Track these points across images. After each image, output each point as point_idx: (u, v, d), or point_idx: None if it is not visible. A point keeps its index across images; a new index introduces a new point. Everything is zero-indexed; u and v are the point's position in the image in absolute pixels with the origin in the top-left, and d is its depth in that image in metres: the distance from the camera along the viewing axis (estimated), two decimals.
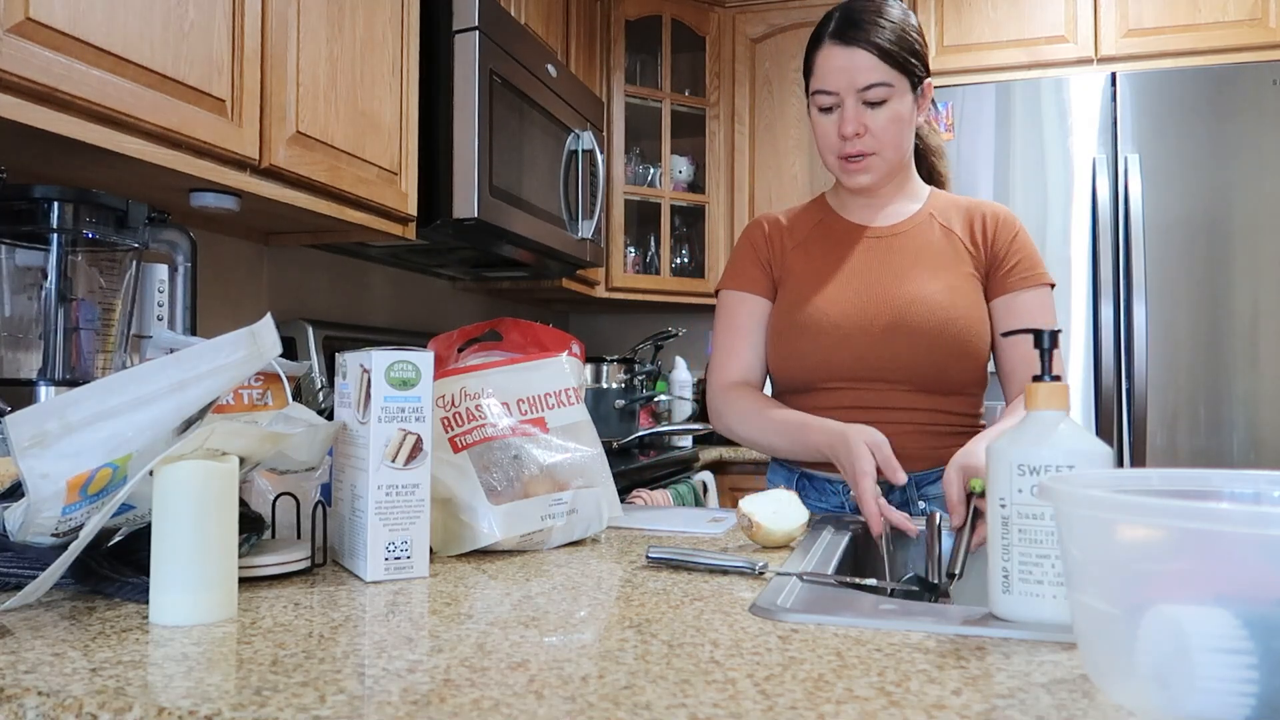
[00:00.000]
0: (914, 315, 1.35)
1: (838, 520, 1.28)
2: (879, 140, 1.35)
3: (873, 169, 1.37)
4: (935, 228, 1.43)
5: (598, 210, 2.55)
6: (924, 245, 1.41)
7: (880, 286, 1.38)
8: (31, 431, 0.76)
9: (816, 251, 1.44)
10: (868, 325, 1.36)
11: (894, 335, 1.35)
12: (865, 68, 1.32)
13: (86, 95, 1.13)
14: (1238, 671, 0.47)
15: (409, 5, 1.85)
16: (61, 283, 1.22)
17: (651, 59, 3.33)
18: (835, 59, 1.33)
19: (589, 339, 3.71)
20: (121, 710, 0.54)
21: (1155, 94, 2.66)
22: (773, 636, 0.70)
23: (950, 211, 1.44)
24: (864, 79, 1.32)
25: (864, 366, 1.36)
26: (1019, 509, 0.73)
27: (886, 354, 1.35)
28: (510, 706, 0.54)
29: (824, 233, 1.46)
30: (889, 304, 1.36)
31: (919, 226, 1.43)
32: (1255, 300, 2.57)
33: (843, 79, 1.33)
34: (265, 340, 0.85)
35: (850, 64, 1.32)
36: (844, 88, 1.33)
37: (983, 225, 1.41)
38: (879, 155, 1.36)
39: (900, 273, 1.39)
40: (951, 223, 1.43)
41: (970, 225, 1.42)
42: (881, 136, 1.35)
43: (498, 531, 1.01)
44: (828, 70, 1.34)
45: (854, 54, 1.32)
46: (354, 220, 1.73)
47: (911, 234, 1.43)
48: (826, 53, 1.35)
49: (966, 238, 1.41)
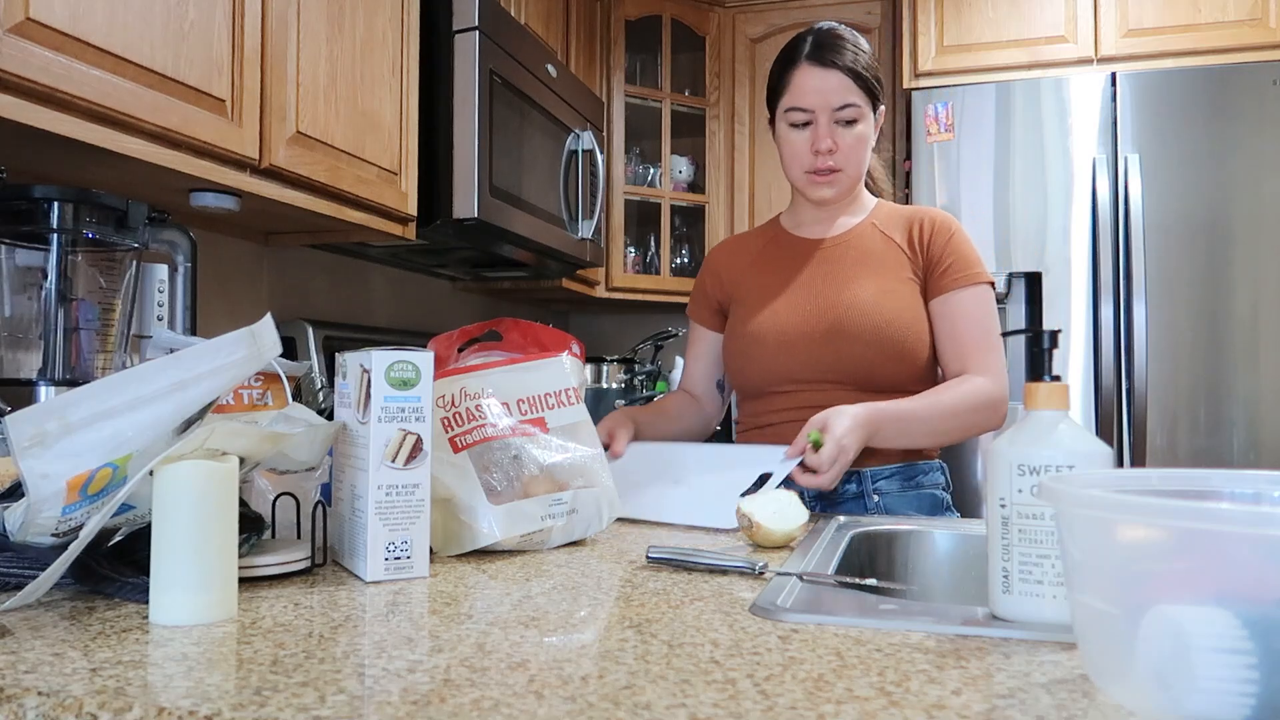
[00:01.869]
0: (850, 320, 1.43)
1: (838, 521, 1.28)
2: (846, 158, 1.45)
3: (837, 184, 1.48)
4: (876, 236, 1.52)
5: (598, 210, 2.55)
6: (864, 253, 1.50)
7: (821, 295, 1.48)
8: (31, 431, 0.76)
9: (768, 268, 1.56)
10: (810, 331, 1.46)
11: (833, 339, 1.44)
12: (840, 89, 1.42)
13: (86, 95, 1.13)
14: (1238, 671, 0.47)
15: (409, 5, 1.85)
16: (61, 283, 1.22)
17: (651, 59, 3.33)
18: (812, 79, 1.43)
19: (589, 339, 3.71)
20: (121, 710, 0.54)
21: (1155, 94, 2.66)
22: (773, 636, 0.70)
23: (892, 220, 1.53)
24: (838, 99, 1.42)
25: (808, 370, 1.46)
26: (1019, 509, 0.73)
27: (828, 357, 1.44)
28: (510, 706, 0.54)
29: (775, 250, 1.58)
30: (829, 310, 1.45)
31: (860, 236, 1.53)
32: (1255, 300, 2.57)
33: (819, 99, 1.43)
34: (265, 340, 0.85)
35: (826, 85, 1.42)
36: (820, 106, 1.43)
37: (919, 230, 1.49)
38: (844, 172, 1.47)
39: (840, 281, 1.48)
40: (892, 231, 1.51)
41: (909, 231, 1.50)
42: (849, 154, 1.45)
43: (498, 531, 1.01)
44: (805, 89, 1.43)
45: (829, 75, 1.42)
46: (354, 220, 1.73)
47: (852, 243, 1.52)
48: (804, 72, 1.44)
49: (905, 243, 1.49)
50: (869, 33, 3.27)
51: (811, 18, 3.32)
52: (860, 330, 1.42)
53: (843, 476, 1.34)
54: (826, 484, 1.25)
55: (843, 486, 1.44)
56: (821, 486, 1.25)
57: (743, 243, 1.65)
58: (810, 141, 1.45)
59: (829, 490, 1.31)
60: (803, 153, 1.46)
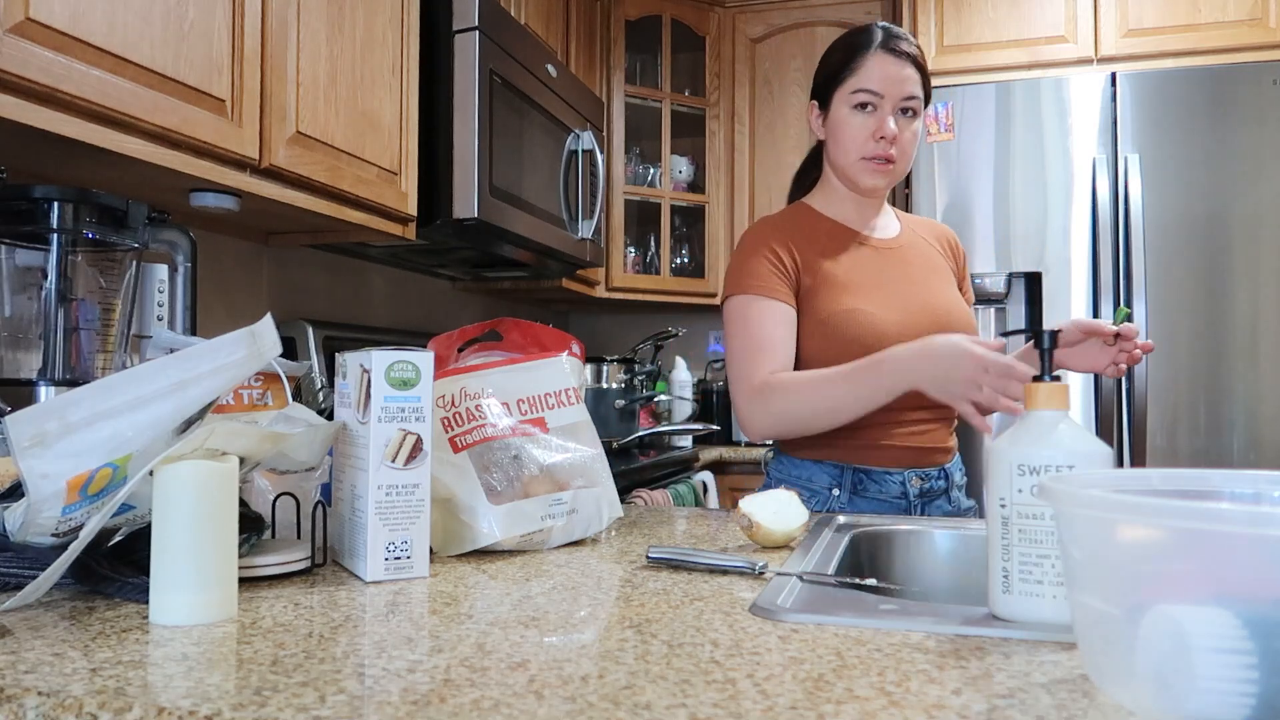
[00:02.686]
0: (950, 323, 1.45)
1: (838, 521, 1.28)
2: (903, 150, 1.47)
3: (890, 174, 1.48)
4: (922, 243, 1.57)
5: (598, 210, 2.55)
6: (928, 258, 1.55)
7: (911, 296, 1.48)
8: (31, 431, 0.76)
9: (836, 258, 1.49)
10: (910, 331, 1.41)
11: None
12: (911, 79, 1.45)
13: (86, 95, 1.13)
14: (1238, 671, 0.47)
15: (409, 5, 1.85)
16: (61, 283, 1.22)
17: (651, 59, 3.33)
18: (887, 66, 1.44)
19: (589, 339, 3.71)
20: (121, 710, 0.54)
21: (1155, 94, 2.66)
22: (773, 636, 0.70)
23: (923, 229, 1.60)
24: (908, 90, 1.44)
25: None
26: (1019, 509, 0.73)
27: None
28: (510, 706, 0.54)
29: (839, 241, 1.52)
30: (931, 313, 1.47)
31: (912, 241, 1.56)
32: (1255, 300, 2.57)
33: (891, 85, 1.44)
34: (265, 340, 0.85)
35: (900, 74, 1.44)
36: (889, 93, 1.44)
37: (950, 246, 1.61)
38: (898, 164, 1.47)
39: (921, 283, 1.51)
40: (931, 241, 1.59)
41: (943, 245, 1.60)
42: (906, 147, 1.47)
43: (498, 531, 1.01)
44: (878, 74, 1.44)
45: (903, 66, 1.44)
46: (354, 220, 1.73)
47: (915, 246, 1.56)
48: (877, 58, 1.45)
49: (943, 256, 1.58)
50: None
51: (812, 18, 3.32)
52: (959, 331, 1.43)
53: (932, 474, 1.46)
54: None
55: (933, 482, 1.47)
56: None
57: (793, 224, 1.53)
58: (873, 127, 1.44)
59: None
60: (863, 137, 1.45)
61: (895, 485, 1.45)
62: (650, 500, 2.17)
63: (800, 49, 3.32)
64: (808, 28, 3.33)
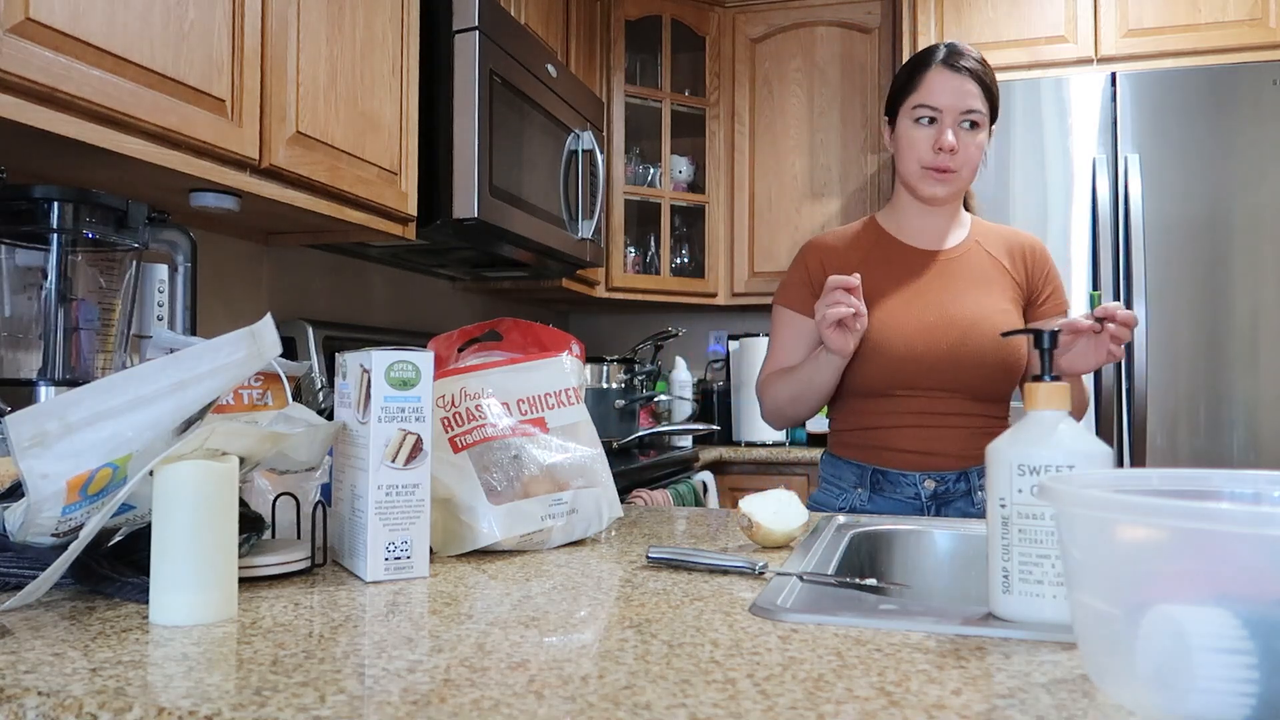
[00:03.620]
0: (977, 335, 1.49)
1: (838, 521, 1.28)
2: (963, 160, 1.51)
3: (951, 183, 1.52)
4: (984, 255, 1.59)
5: (598, 210, 2.55)
6: (978, 270, 1.57)
7: (944, 307, 1.52)
8: (31, 431, 0.76)
9: (879, 270, 1.57)
10: (936, 342, 1.50)
11: (958, 351, 1.50)
12: (971, 94, 1.50)
13: (86, 95, 1.13)
14: (1238, 671, 0.47)
15: (409, 5, 1.85)
16: (61, 283, 1.22)
17: (651, 59, 3.33)
18: (947, 81, 1.50)
19: (589, 339, 3.71)
20: (121, 710, 0.54)
21: (1155, 94, 2.66)
22: (773, 636, 0.70)
23: (993, 240, 1.61)
24: (968, 103, 1.49)
25: (929, 378, 1.51)
26: (1019, 509, 0.73)
27: (951, 368, 1.50)
28: (510, 706, 0.54)
29: (884, 253, 1.60)
30: (955, 324, 1.50)
31: (970, 253, 1.59)
32: (1255, 300, 2.57)
33: (951, 99, 1.49)
34: (265, 340, 0.85)
35: (960, 88, 1.49)
36: (947, 106, 1.49)
37: (1024, 258, 1.59)
38: (959, 174, 1.52)
39: (960, 295, 1.54)
40: (997, 252, 1.59)
41: (1013, 256, 1.59)
42: (967, 158, 1.51)
43: (498, 531, 1.01)
44: (935, 89, 1.50)
45: (964, 81, 1.49)
46: (354, 220, 1.73)
47: (964, 259, 1.58)
48: (937, 74, 1.51)
49: (1010, 266, 1.58)
50: (869, 33, 3.27)
51: (812, 18, 3.32)
52: (985, 346, 1.49)
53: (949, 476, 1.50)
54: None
55: (953, 484, 1.50)
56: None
57: (845, 239, 1.64)
58: (932, 139, 1.50)
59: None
60: (923, 148, 1.50)
61: (909, 486, 1.51)
62: (650, 500, 2.17)
63: (800, 49, 3.32)
64: (808, 28, 3.33)
